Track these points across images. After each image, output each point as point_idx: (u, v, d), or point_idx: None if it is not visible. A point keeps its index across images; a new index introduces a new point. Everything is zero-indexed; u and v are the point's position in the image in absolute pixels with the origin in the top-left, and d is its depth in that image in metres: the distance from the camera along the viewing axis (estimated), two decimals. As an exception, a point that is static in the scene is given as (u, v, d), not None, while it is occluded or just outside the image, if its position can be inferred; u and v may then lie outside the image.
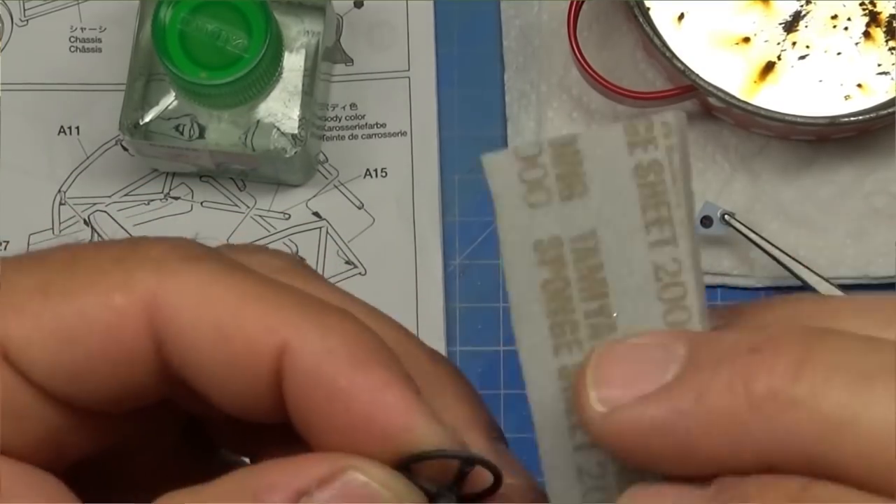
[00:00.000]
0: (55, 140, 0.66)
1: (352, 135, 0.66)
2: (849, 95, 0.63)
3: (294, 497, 0.24)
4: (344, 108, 0.66)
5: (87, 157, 0.66)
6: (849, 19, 0.63)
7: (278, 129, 0.62)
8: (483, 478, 0.26)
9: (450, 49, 0.67)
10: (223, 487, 0.24)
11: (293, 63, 0.62)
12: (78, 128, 0.66)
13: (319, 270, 0.65)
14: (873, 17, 0.63)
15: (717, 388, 0.23)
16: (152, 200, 0.66)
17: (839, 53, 0.63)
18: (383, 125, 0.66)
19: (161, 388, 0.25)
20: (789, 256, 0.63)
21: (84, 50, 0.67)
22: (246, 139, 0.62)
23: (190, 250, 0.25)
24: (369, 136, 0.66)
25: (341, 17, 0.67)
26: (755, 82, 0.63)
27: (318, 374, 0.24)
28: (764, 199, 0.65)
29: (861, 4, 0.63)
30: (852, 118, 0.61)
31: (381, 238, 0.65)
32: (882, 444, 0.21)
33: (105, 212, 0.66)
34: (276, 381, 0.25)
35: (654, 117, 0.25)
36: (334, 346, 0.24)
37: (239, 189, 0.66)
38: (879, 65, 0.63)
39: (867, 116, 0.61)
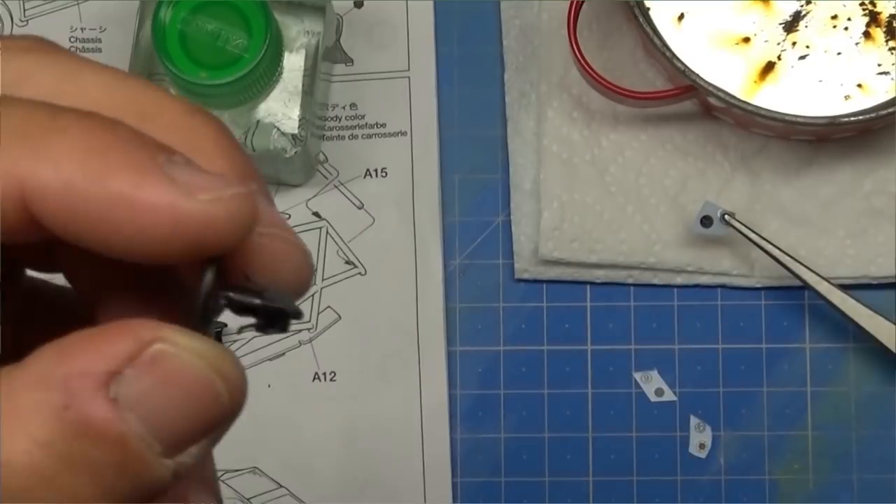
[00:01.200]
0: (55, 140, 0.66)
1: (352, 135, 0.66)
2: (849, 95, 0.63)
3: (105, 380, 0.23)
4: (344, 108, 0.67)
5: (87, 157, 0.66)
6: (849, 19, 0.63)
7: (278, 129, 0.62)
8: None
9: (450, 49, 0.67)
10: (31, 374, 0.23)
11: (293, 63, 0.62)
12: (78, 128, 0.66)
13: (319, 271, 0.65)
14: (873, 17, 0.63)
15: None
16: (152, 200, 0.66)
17: (839, 53, 0.63)
18: (383, 125, 0.66)
19: None
20: (789, 256, 0.63)
21: (84, 50, 0.67)
22: (246, 139, 0.62)
23: None
24: (369, 136, 0.66)
25: (341, 17, 0.67)
26: (755, 82, 0.63)
27: (68, 211, 0.24)
28: (764, 199, 0.65)
29: (861, 4, 0.63)
30: (852, 118, 0.61)
31: (381, 238, 0.66)
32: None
33: (105, 212, 0.66)
34: (33, 220, 0.24)
35: None
36: (70, 175, 0.24)
37: (239, 189, 0.66)
38: (879, 65, 0.63)
39: (867, 116, 0.61)
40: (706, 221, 0.63)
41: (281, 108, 0.62)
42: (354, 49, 0.67)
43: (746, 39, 0.63)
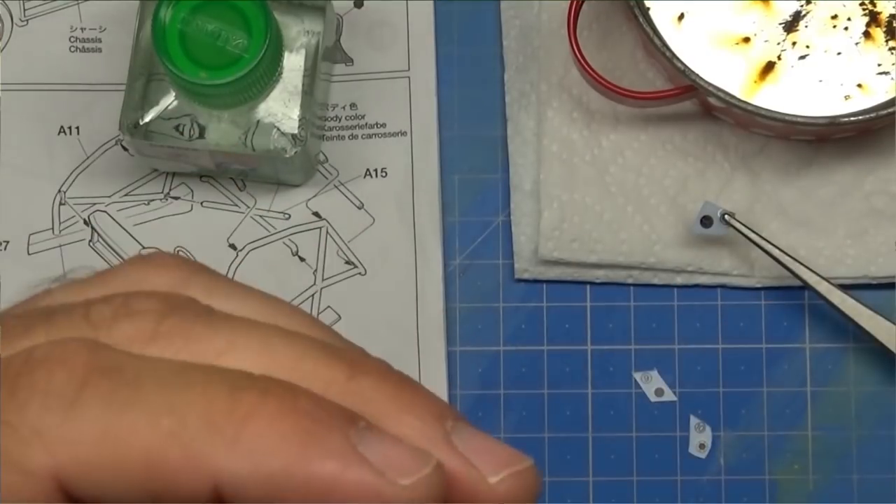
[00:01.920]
0: (55, 140, 0.66)
1: (352, 135, 0.66)
2: (849, 95, 0.63)
3: None
4: (344, 108, 0.66)
5: (87, 157, 0.66)
6: (849, 19, 0.63)
7: (278, 129, 0.62)
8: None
9: (450, 49, 0.67)
10: None
11: (293, 63, 0.62)
12: (78, 128, 0.66)
13: (319, 271, 0.65)
14: (873, 17, 0.63)
15: None
16: (152, 200, 0.66)
17: (839, 53, 0.63)
18: (383, 125, 0.66)
19: None
20: (789, 256, 0.63)
21: (84, 50, 0.67)
22: (246, 139, 0.62)
23: (68, 389, 0.24)
24: (369, 136, 0.66)
25: (341, 17, 0.67)
26: (755, 82, 0.63)
27: (268, 499, 0.24)
28: (764, 199, 0.65)
29: (861, 4, 0.63)
30: (852, 118, 0.61)
31: (381, 238, 0.66)
32: None
33: (105, 212, 0.66)
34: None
35: None
36: (268, 468, 0.23)
37: (239, 189, 0.66)
38: (879, 65, 0.63)
39: (867, 116, 0.61)
40: (706, 221, 0.63)
41: (281, 108, 0.62)
42: (354, 49, 0.67)
43: (746, 39, 0.63)
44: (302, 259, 0.66)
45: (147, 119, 0.62)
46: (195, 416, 0.23)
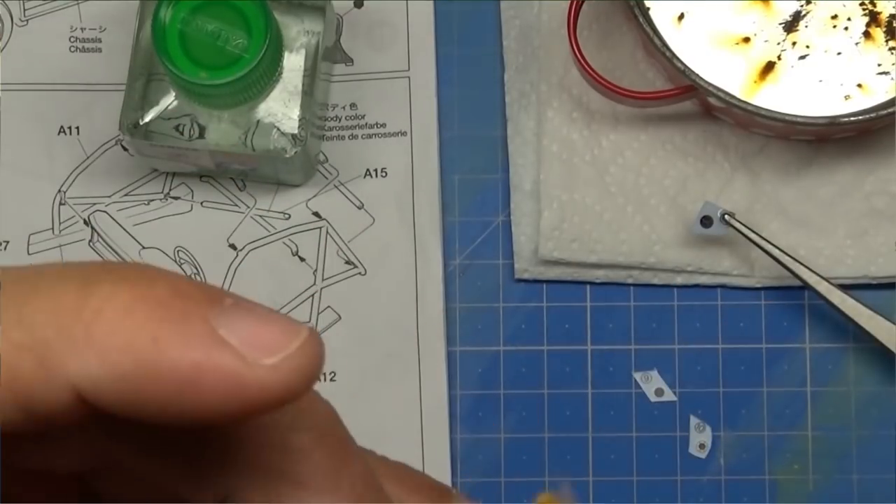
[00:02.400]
0: (55, 140, 0.66)
1: (352, 135, 0.66)
2: (849, 95, 0.63)
3: None
4: (344, 108, 0.67)
5: (87, 157, 0.66)
6: (849, 19, 0.63)
7: (278, 129, 0.62)
8: None
9: (450, 49, 0.67)
10: None
11: (293, 63, 0.62)
12: (78, 128, 0.66)
13: (319, 271, 0.66)
14: (873, 17, 0.63)
15: None
16: (152, 200, 0.66)
17: (839, 53, 0.63)
18: (383, 125, 0.66)
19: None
20: (789, 256, 0.63)
21: (84, 50, 0.67)
22: (246, 139, 0.62)
23: None
24: (369, 136, 0.66)
25: (341, 17, 0.67)
26: (755, 82, 0.63)
27: (124, 398, 0.22)
28: (764, 199, 0.65)
29: (861, 4, 0.63)
30: (852, 118, 0.61)
31: (381, 238, 0.66)
32: None
33: (105, 212, 0.66)
34: (87, 407, 0.23)
35: None
36: (120, 368, 0.22)
37: (239, 189, 0.66)
38: (879, 65, 0.63)
39: (867, 116, 0.61)
40: (706, 221, 0.63)
41: (281, 108, 0.62)
42: (354, 49, 0.67)
43: (746, 39, 0.63)
44: (302, 259, 0.66)
45: (147, 119, 0.62)
46: (44, 322, 0.22)
